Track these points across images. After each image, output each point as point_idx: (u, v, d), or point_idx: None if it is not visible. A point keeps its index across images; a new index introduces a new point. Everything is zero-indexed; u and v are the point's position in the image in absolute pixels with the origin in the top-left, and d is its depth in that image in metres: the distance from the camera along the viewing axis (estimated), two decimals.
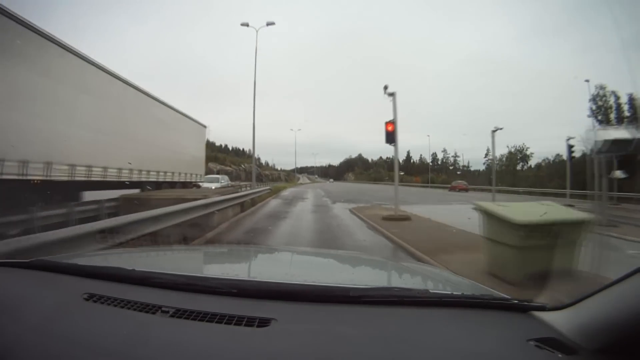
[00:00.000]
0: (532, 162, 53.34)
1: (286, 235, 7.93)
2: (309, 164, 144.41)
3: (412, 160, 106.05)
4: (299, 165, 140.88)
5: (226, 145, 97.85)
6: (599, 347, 0.81)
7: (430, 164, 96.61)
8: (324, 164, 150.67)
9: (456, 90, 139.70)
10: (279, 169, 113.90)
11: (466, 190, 38.80)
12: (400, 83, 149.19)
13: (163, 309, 0.98)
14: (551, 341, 0.85)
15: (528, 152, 54.19)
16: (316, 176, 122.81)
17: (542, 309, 1.02)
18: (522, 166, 54.23)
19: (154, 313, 0.97)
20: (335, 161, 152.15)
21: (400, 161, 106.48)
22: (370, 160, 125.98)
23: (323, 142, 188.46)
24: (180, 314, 0.95)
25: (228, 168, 68.71)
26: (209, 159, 67.74)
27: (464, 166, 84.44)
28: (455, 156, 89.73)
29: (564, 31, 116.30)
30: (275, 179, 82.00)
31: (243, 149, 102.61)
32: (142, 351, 0.81)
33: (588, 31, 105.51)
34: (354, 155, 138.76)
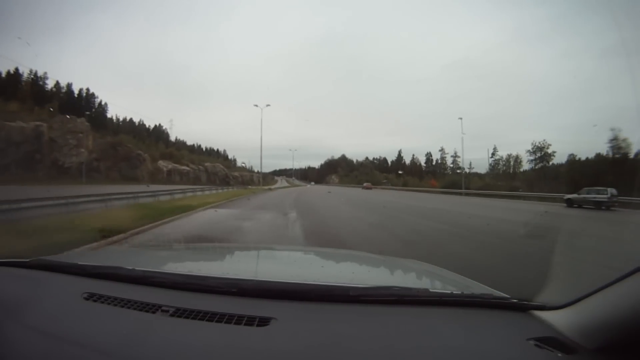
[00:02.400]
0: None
1: None
2: (289, 167, 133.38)
3: (403, 161, 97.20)
4: (277, 168, 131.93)
5: (200, 145, 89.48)
6: (598, 346, 0.81)
7: (424, 165, 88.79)
8: (304, 167, 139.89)
9: (443, 94, 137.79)
10: (255, 171, 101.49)
11: (370, 188, 50.57)
12: (386, 87, 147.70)
13: (163, 308, 0.98)
14: (551, 340, 0.85)
15: (549, 151, 46.83)
16: (294, 178, 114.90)
17: (542, 308, 1.02)
18: (543, 166, 47.20)
19: (154, 312, 0.97)
20: (316, 164, 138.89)
21: (389, 162, 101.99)
22: (355, 161, 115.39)
23: (304, 145, 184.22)
24: (180, 313, 0.95)
25: (184, 167, 56.79)
26: (162, 156, 56.31)
27: (458, 168, 74.82)
28: (455, 156, 79.04)
29: (546, 38, 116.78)
30: (247, 181, 67.87)
31: (217, 149, 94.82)
32: (142, 350, 0.81)
33: (570, 38, 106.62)
34: (336, 156, 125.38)
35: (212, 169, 64.40)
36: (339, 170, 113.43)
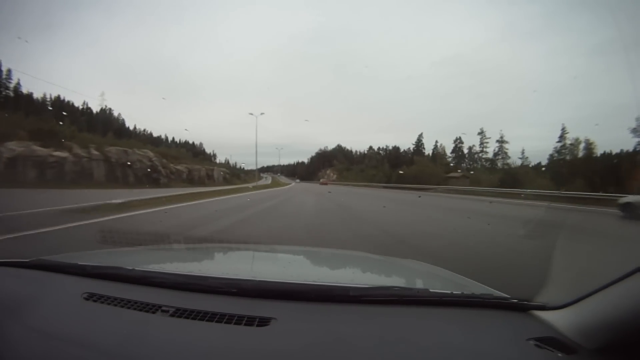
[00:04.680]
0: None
1: None
2: (277, 163, 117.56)
3: (422, 148, 68.50)
4: (265, 165, 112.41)
5: (173, 139, 67.80)
6: (598, 346, 0.81)
7: (450, 154, 62.46)
8: (293, 162, 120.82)
9: (434, 91, 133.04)
10: (242, 166, 77.27)
11: (327, 184, 45.72)
12: (376, 84, 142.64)
13: (163, 308, 0.98)
14: (551, 340, 0.85)
15: None
16: (279, 174, 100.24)
17: (542, 308, 1.02)
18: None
19: (154, 312, 0.97)
20: (306, 159, 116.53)
21: (401, 149, 73.27)
22: (354, 152, 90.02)
23: (293, 142, 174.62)
24: (180, 313, 0.95)
25: (57, 154, 25.42)
26: (34, 135, 25.52)
27: (501, 158, 51.60)
28: (502, 141, 51.23)
29: (535, 36, 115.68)
30: (195, 180, 38.25)
31: (192, 142, 72.15)
32: (142, 350, 0.82)
33: (562, 35, 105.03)
34: (330, 147, 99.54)
35: (120, 158, 31.00)
36: (334, 163, 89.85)
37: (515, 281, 3.09)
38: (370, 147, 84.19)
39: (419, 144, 68.85)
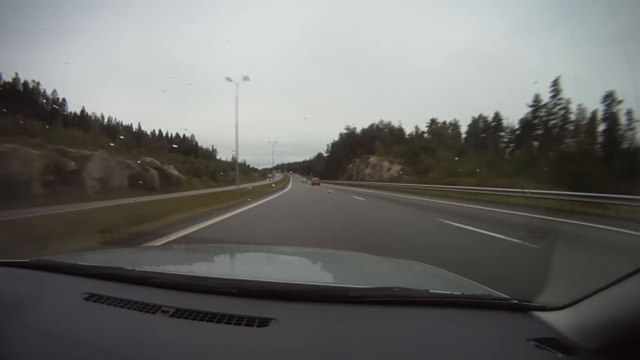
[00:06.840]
0: None
1: None
2: (292, 161, 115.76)
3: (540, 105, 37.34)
4: (280, 162, 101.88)
5: (160, 132, 58.40)
6: (598, 347, 0.81)
7: (567, 122, 34.67)
8: (310, 158, 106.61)
9: (448, 85, 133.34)
10: (249, 165, 68.82)
11: (318, 184, 41.18)
12: (392, 78, 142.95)
13: (163, 308, 0.98)
14: (551, 341, 0.85)
15: None
16: (291, 172, 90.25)
17: (542, 309, 1.01)
18: None
19: (154, 313, 0.97)
20: (324, 151, 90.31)
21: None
22: (410, 131, 57.23)
23: (309, 140, 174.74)
24: (180, 313, 0.95)
25: None
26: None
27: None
28: None
29: (551, 26, 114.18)
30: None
31: (184, 135, 60.54)
32: (142, 351, 0.82)
33: (574, 26, 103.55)
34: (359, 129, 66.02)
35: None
36: (375, 147, 52.88)
37: None
38: (433, 121, 50.98)
39: (535, 107, 36.55)
